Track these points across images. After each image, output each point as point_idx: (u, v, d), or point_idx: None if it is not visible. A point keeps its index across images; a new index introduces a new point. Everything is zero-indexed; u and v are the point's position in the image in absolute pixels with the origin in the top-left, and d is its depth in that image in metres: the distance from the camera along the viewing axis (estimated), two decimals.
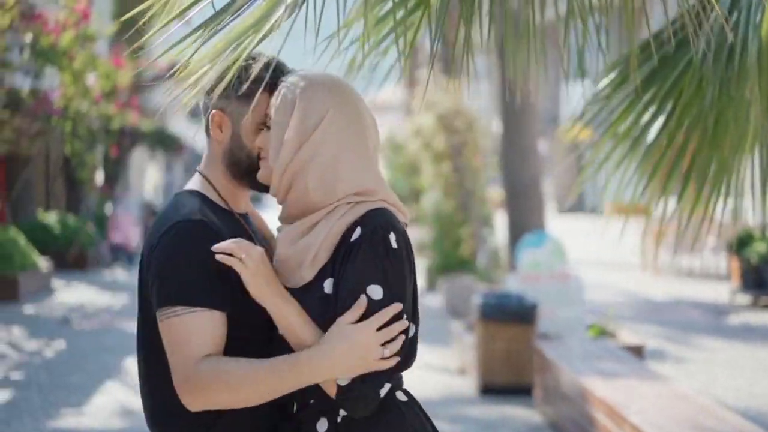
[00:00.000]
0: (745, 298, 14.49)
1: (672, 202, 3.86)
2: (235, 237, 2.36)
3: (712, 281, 17.02)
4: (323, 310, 2.29)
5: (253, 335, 2.35)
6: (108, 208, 22.94)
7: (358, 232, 2.29)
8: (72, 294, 15.10)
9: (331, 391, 2.26)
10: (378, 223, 2.29)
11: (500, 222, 15.40)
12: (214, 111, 2.44)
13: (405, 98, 20.81)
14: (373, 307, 2.24)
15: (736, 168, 3.71)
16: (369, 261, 2.26)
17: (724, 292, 15.30)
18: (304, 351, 2.25)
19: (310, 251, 2.31)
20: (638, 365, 7.06)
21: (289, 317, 2.28)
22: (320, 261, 2.32)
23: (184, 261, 2.30)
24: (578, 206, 43.96)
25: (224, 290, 2.31)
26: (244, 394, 2.26)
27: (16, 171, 18.26)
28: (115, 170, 24.60)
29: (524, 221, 12.71)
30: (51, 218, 18.87)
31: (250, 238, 2.44)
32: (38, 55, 13.79)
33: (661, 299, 15.14)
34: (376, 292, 2.25)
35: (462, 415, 7.71)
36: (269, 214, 2.73)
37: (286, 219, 2.40)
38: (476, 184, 14.43)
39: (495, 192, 18.63)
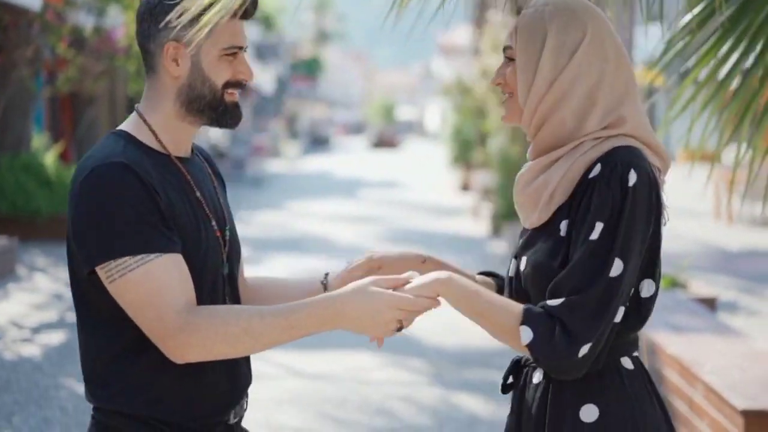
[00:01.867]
0: None
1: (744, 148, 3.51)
2: (167, 180, 2.13)
3: None
4: (556, 253, 2.08)
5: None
6: None
7: (597, 168, 2.06)
8: None
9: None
10: (619, 160, 2.05)
11: None
12: (168, 43, 2.15)
13: (473, 40, 20.34)
14: (588, 247, 2.02)
15: None
16: (601, 198, 2.03)
17: None
18: (316, 299, 2.07)
19: (547, 190, 2.11)
20: (712, 319, 6.70)
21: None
22: (557, 200, 2.11)
23: (113, 208, 2.05)
24: None
25: (169, 231, 2.08)
26: (244, 346, 2.07)
27: (81, 110, 18.26)
28: None
29: None
30: None
31: (186, 183, 2.20)
32: None
33: (735, 249, 14.65)
34: (596, 230, 2.02)
35: None
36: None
37: (535, 156, 2.19)
38: None
39: None
